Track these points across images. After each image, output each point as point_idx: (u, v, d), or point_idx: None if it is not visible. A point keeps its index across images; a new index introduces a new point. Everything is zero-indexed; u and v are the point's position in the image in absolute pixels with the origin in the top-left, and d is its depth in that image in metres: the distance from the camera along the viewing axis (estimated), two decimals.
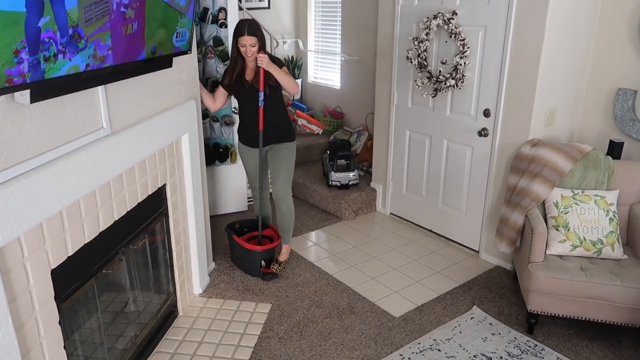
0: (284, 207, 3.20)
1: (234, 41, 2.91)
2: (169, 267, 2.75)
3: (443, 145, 3.67)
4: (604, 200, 2.75)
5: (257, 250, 3.20)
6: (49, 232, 1.66)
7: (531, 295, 2.65)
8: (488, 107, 3.30)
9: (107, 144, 1.92)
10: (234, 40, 2.91)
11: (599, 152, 2.91)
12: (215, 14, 3.66)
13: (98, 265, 2.03)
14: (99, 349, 2.17)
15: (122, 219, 2.15)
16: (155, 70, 2.25)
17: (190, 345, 2.63)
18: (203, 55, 3.71)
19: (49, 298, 1.71)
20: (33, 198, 1.53)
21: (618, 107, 3.17)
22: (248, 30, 2.83)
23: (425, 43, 3.51)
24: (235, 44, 2.91)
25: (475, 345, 2.66)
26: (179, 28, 2.22)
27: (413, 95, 3.81)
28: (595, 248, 2.68)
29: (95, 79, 1.78)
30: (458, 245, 3.75)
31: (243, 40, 2.85)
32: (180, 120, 2.58)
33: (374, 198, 4.34)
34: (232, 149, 4.00)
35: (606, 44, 3.20)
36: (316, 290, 3.16)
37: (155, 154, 2.40)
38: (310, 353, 2.60)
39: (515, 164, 3.11)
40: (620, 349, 2.64)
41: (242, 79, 3.02)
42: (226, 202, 4.20)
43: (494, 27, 3.14)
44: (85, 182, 1.79)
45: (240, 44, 2.87)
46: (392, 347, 2.65)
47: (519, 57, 3.05)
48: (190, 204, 2.88)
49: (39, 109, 1.59)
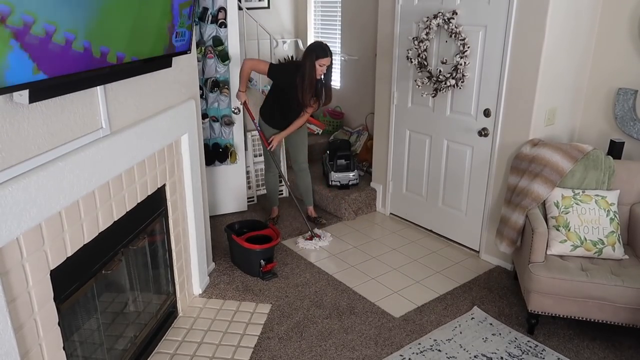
0: (303, 173, 3.96)
1: (311, 57, 3.36)
2: (169, 268, 2.75)
3: (443, 145, 3.66)
4: (604, 200, 2.74)
5: (256, 249, 3.20)
6: (48, 232, 1.66)
7: (532, 295, 2.64)
8: (488, 106, 3.29)
9: (106, 144, 1.92)
10: (311, 57, 3.36)
11: (599, 152, 2.91)
12: (215, 13, 3.65)
13: (97, 265, 2.02)
14: (98, 349, 2.16)
15: (121, 220, 2.14)
16: (154, 70, 2.24)
17: (190, 346, 2.62)
18: (203, 55, 3.71)
19: (48, 299, 1.70)
20: (32, 199, 1.52)
21: (619, 107, 3.16)
22: (329, 53, 3.39)
23: (426, 43, 3.50)
24: (313, 61, 3.36)
25: (475, 345, 2.65)
26: (179, 28, 2.21)
27: (413, 95, 3.81)
28: (596, 248, 2.68)
29: (95, 79, 1.77)
30: (458, 246, 3.74)
31: (325, 61, 3.37)
32: (179, 120, 2.57)
33: (374, 198, 4.34)
34: (231, 148, 4.00)
35: (607, 44, 3.19)
36: (316, 290, 3.16)
37: (155, 154, 2.40)
38: (311, 353, 2.59)
39: (515, 163, 3.11)
40: (621, 350, 2.63)
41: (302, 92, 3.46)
42: (226, 202, 4.20)
43: (494, 26, 3.14)
44: (84, 183, 1.79)
45: (321, 63, 3.37)
46: (393, 347, 2.65)
47: (519, 56, 3.04)
48: (190, 204, 2.87)
49: (37, 109, 1.59)
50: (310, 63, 3.37)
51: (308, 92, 3.45)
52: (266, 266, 3.24)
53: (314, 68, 3.38)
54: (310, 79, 3.41)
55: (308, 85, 3.42)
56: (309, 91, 3.45)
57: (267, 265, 3.24)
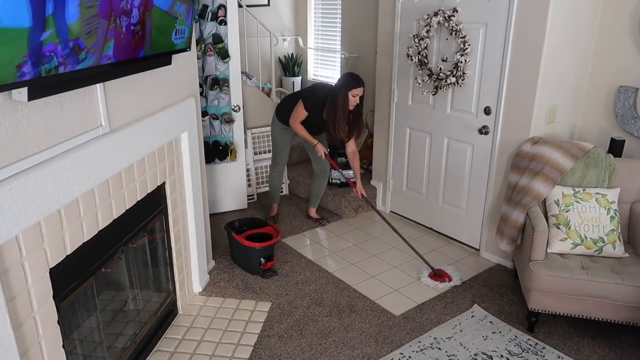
0: (324, 180, 3.97)
1: (345, 89, 3.34)
2: (169, 266, 2.74)
3: (443, 143, 3.66)
4: (605, 199, 2.73)
5: (256, 247, 3.20)
6: (47, 231, 1.65)
7: (532, 293, 2.64)
8: (489, 104, 3.28)
9: (106, 142, 1.91)
10: (345, 88, 3.34)
11: (600, 150, 2.90)
12: (215, 11, 3.64)
13: (97, 264, 2.02)
14: (98, 347, 2.16)
15: (121, 218, 2.13)
16: (154, 68, 2.23)
17: (190, 344, 2.62)
18: (202, 52, 3.70)
19: (47, 297, 1.70)
20: (31, 197, 1.52)
21: (619, 105, 3.15)
22: (362, 83, 3.36)
23: (426, 40, 3.49)
24: (346, 93, 3.34)
25: (475, 343, 2.65)
26: (178, 25, 2.21)
27: (413, 93, 3.80)
28: (596, 246, 2.68)
29: (94, 76, 1.76)
30: (458, 244, 3.74)
31: (358, 91, 3.35)
32: (179, 118, 2.57)
33: (374, 196, 4.33)
34: (231, 146, 3.99)
35: (608, 41, 3.18)
36: (316, 288, 3.16)
37: (155, 152, 2.39)
38: (311, 352, 2.59)
39: (516, 162, 3.10)
40: (622, 348, 2.63)
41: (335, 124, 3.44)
42: (226, 200, 4.19)
43: (495, 24, 3.13)
44: (83, 181, 1.78)
45: (354, 94, 3.34)
46: (393, 345, 2.64)
47: (520, 54, 3.03)
48: (190, 202, 2.87)
49: (36, 106, 1.58)
50: (344, 94, 3.36)
51: (341, 124, 3.43)
52: (266, 264, 3.24)
53: (347, 99, 3.37)
54: (344, 110, 3.40)
55: (341, 117, 3.40)
56: (341, 123, 3.43)
57: (267, 263, 3.24)
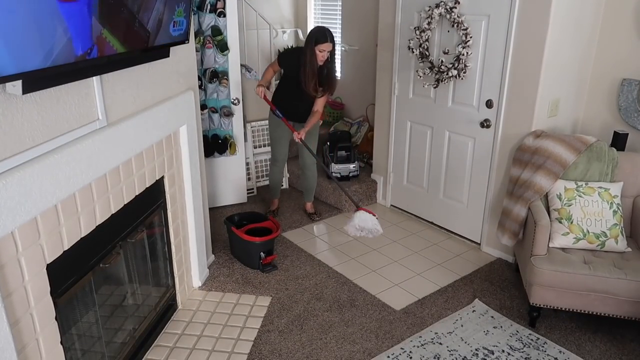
0: (310, 173, 3.88)
1: (311, 43, 3.29)
2: (168, 260, 2.73)
3: (445, 136, 3.63)
4: (607, 193, 2.71)
5: (256, 242, 3.18)
6: (43, 226, 1.63)
7: (533, 288, 2.62)
8: (491, 97, 3.25)
9: (103, 136, 1.88)
10: (311, 43, 3.29)
11: (603, 144, 2.88)
12: (214, 2, 3.60)
13: (95, 259, 2.00)
14: (97, 343, 2.15)
15: (119, 212, 2.11)
16: (152, 60, 2.20)
17: (189, 339, 2.61)
18: (201, 45, 3.66)
19: (44, 293, 1.68)
20: (27, 192, 1.50)
21: (622, 98, 3.12)
22: (330, 37, 3.29)
23: (427, 33, 3.46)
24: (312, 47, 3.29)
25: (477, 338, 2.64)
26: (176, 17, 2.17)
27: (414, 86, 3.77)
28: (599, 241, 2.66)
29: (91, 69, 1.73)
30: (459, 238, 3.72)
31: (325, 46, 3.29)
32: (178, 111, 2.54)
33: (375, 190, 4.31)
34: (231, 140, 3.96)
35: (611, 34, 3.15)
36: (316, 283, 3.14)
37: (153, 145, 2.36)
38: (311, 347, 2.58)
39: (518, 155, 3.08)
40: (623, 342, 2.62)
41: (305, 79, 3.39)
42: (225, 194, 4.17)
43: (497, 16, 3.09)
44: (80, 175, 1.75)
45: (320, 49, 3.29)
46: (393, 340, 2.63)
47: (522, 47, 3.00)
48: (189, 196, 2.85)
49: (32, 100, 1.55)
50: (310, 49, 3.30)
51: (310, 80, 3.38)
52: (266, 259, 3.22)
53: (314, 54, 3.31)
54: (312, 66, 3.34)
55: (310, 73, 3.35)
56: (311, 79, 3.37)
57: (267, 257, 3.22)
